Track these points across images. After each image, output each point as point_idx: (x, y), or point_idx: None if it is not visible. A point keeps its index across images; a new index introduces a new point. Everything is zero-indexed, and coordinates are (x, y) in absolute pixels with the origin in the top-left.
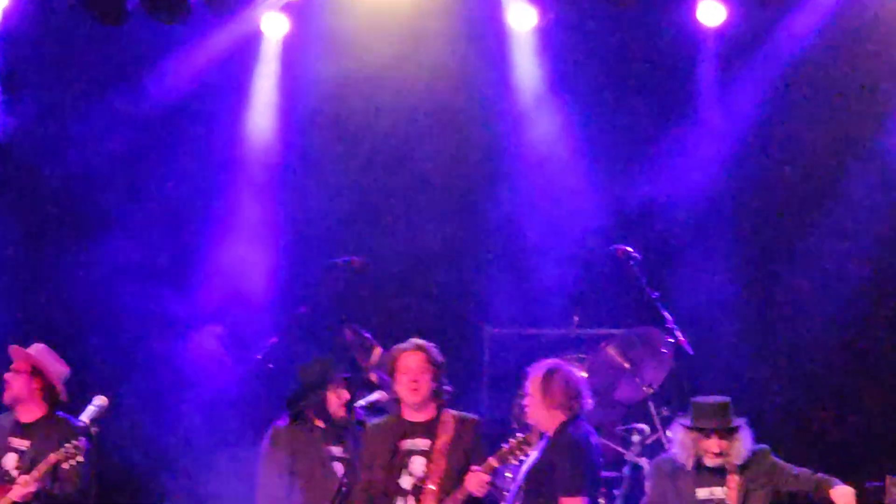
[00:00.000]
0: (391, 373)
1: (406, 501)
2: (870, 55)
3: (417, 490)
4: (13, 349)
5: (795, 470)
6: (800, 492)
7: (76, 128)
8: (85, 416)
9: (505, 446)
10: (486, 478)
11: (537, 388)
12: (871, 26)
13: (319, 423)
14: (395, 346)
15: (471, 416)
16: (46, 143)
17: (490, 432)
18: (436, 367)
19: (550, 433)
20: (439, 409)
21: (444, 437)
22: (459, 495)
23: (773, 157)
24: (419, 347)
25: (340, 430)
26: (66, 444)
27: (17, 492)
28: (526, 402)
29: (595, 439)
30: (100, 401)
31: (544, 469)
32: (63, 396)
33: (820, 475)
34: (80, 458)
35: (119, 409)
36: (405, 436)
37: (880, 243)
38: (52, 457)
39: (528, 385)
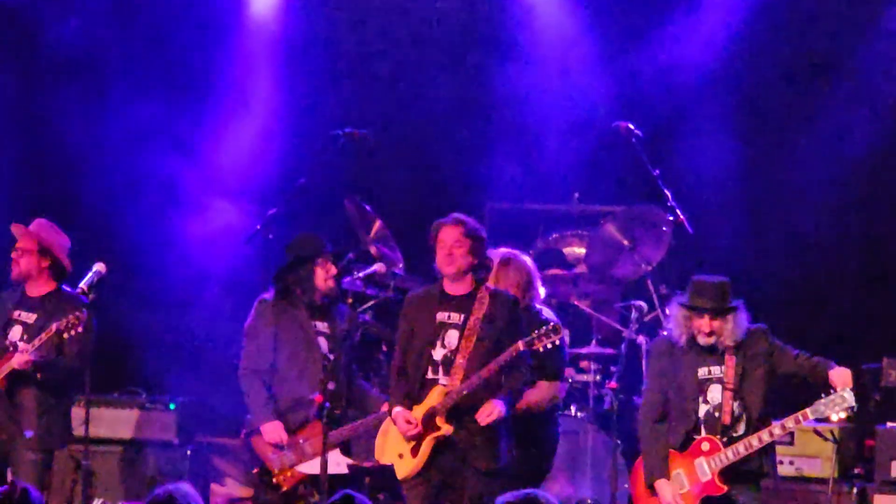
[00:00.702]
0: (432, 245)
1: (437, 372)
2: None
3: (448, 362)
4: (17, 228)
5: (793, 352)
6: (796, 374)
7: None
8: (83, 283)
9: (534, 332)
10: (498, 411)
11: (492, 275)
12: None
13: (305, 298)
14: (437, 220)
15: (508, 293)
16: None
17: None
18: (473, 241)
19: None
20: (477, 284)
21: (477, 313)
22: (479, 378)
23: (781, 28)
24: (457, 221)
25: (326, 306)
26: (70, 315)
27: (17, 359)
28: None
29: None
30: (99, 267)
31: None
32: (69, 269)
33: (817, 358)
34: (80, 329)
35: (118, 278)
36: (441, 308)
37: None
38: (54, 326)
39: None
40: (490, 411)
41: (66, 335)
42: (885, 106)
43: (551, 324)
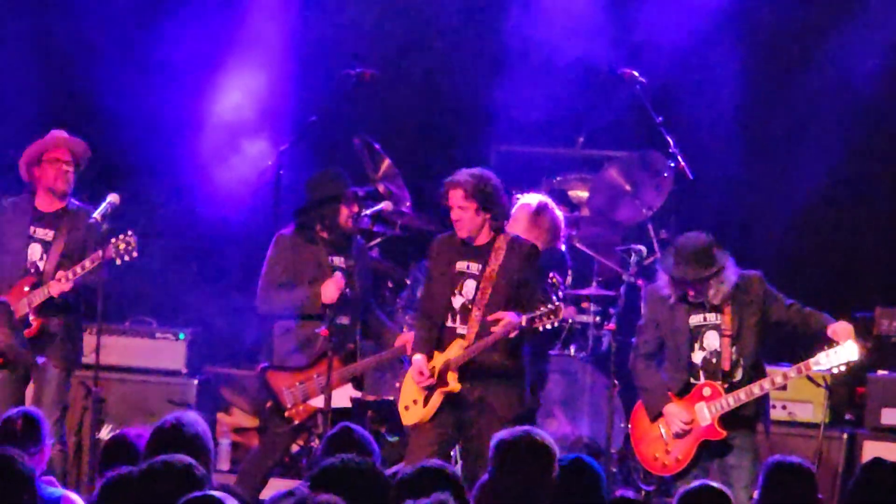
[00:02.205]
0: (444, 197)
1: (455, 320)
2: None
3: (465, 311)
4: (62, 136)
5: (787, 301)
6: (787, 323)
7: None
8: (97, 213)
9: (536, 313)
10: (510, 321)
11: (525, 217)
12: None
13: (324, 234)
14: (448, 180)
15: (526, 242)
16: None
17: None
18: (480, 198)
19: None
20: (496, 232)
21: (493, 264)
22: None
23: None
24: (457, 184)
25: (344, 241)
26: (119, 244)
27: (56, 288)
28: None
29: None
30: (112, 198)
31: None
32: None
33: (809, 309)
34: (136, 254)
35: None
36: (460, 257)
37: None
38: (101, 252)
39: (516, 210)
40: (504, 323)
41: (119, 260)
42: (888, 48)
43: (553, 306)
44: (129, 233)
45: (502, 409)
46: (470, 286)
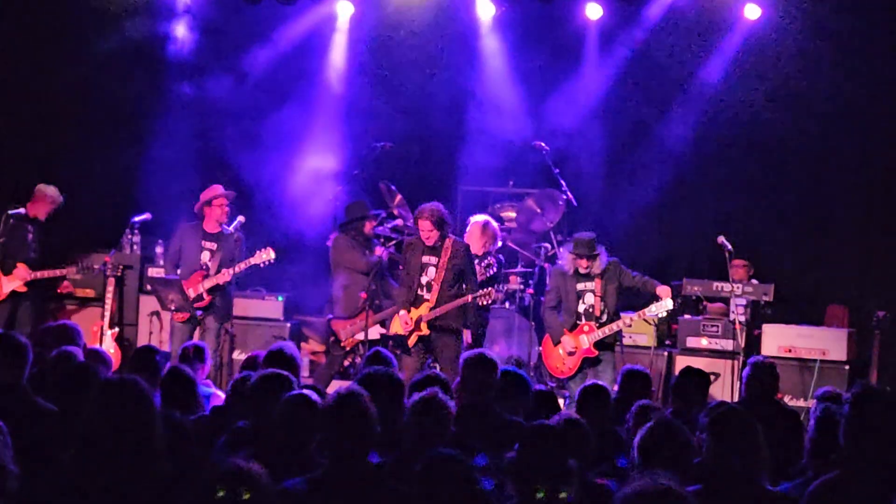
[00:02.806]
0: (415, 221)
1: (423, 291)
2: None
3: (429, 286)
4: (220, 190)
5: (633, 273)
6: (632, 287)
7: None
8: (231, 228)
9: (480, 291)
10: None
11: (477, 229)
12: None
13: (356, 238)
14: (417, 210)
15: (463, 242)
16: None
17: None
18: (438, 224)
19: (479, 253)
20: (443, 239)
21: (444, 257)
22: (443, 309)
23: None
24: (425, 216)
25: (367, 242)
26: (263, 254)
27: (223, 277)
28: (466, 237)
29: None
30: (240, 219)
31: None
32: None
33: (646, 277)
34: (272, 260)
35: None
36: (424, 254)
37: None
38: (252, 259)
39: (470, 225)
40: (461, 297)
41: (262, 264)
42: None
43: (489, 289)
44: (269, 248)
45: (449, 341)
46: (431, 271)
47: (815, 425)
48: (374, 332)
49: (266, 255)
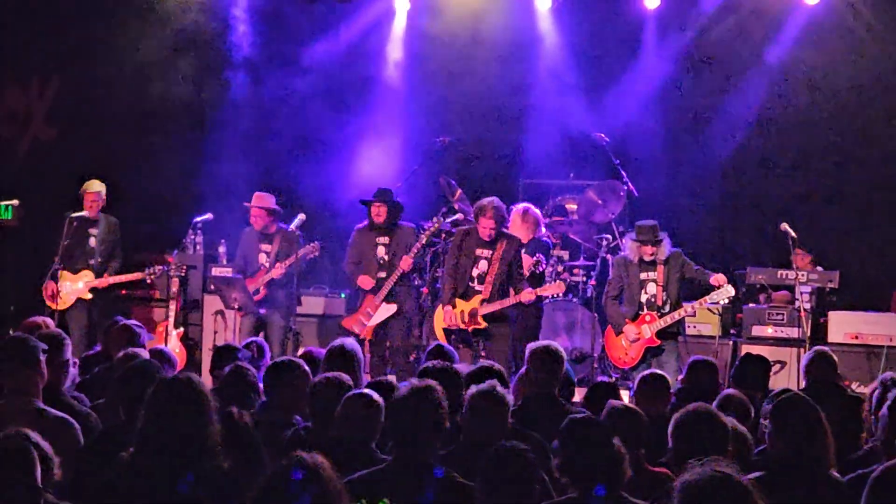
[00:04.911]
0: (476, 217)
1: (475, 284)
2: None
3: (481, 279)
4: (261, 199)
5: (695, 266)
6: (693, 278)
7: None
8: (293, 226)
9: (547, 287)
10: (533, 296)
11: (518, 217)
12: None
13: (371, 224)
14: (478, 205)
15: (515, 238)
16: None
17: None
18: (499, 221)
19: (524, 241)
20: (499, 234)
21: (498, 251)
22: (511, 298)
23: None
24: (487, 213)
25: (386, 228)
26: (308, 246)
27: (275, 272)
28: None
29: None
30: (301, 216)
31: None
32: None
33: (705, 270)
34: (318, 254)
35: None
36: (478, 246)
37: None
38: (300, 252)
39: (512, 214)
40: (526, 292)
41: (309, 257)
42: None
43: (558, 282)
44: (315, 243)
45: (502, 334)
46: (483, 264)
47: (887, 412)
48: (386, 312)
49: (312, 250)
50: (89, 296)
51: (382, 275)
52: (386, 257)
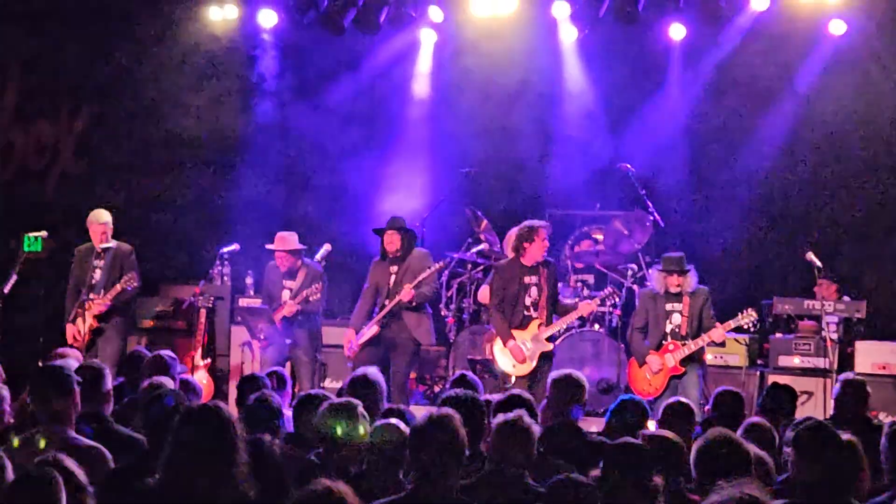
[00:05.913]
0: (526, 240)
1: (530, 311)
2: None
3: (535, 305)
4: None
5: (711, 310)
6: (702, 321)
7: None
8: (319, 256)
9: (602, 293)
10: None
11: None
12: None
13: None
14: (526, 227)
15: (553, 262)
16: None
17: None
18: (546, 242)
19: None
20: (540, 260)
21: (542, 276)
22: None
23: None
24: (539, 232)
25: (397, 257)
26: (315, 285)
27: (289, 308)
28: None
29: None
30: (327, 246)
31: None
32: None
33: (714, 321)
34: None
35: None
36: (523, 273)
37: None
38: (305, 293)
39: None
40: (584, 304)
41: (311, 298)
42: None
43: (611, 287)
44: (326, 244)
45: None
46: (534, 290)
47: (886, 442)
48: (370, 332)
49: (323, 251)
50: (97, 324)
51: (388, 303)
52: (391, 286)
